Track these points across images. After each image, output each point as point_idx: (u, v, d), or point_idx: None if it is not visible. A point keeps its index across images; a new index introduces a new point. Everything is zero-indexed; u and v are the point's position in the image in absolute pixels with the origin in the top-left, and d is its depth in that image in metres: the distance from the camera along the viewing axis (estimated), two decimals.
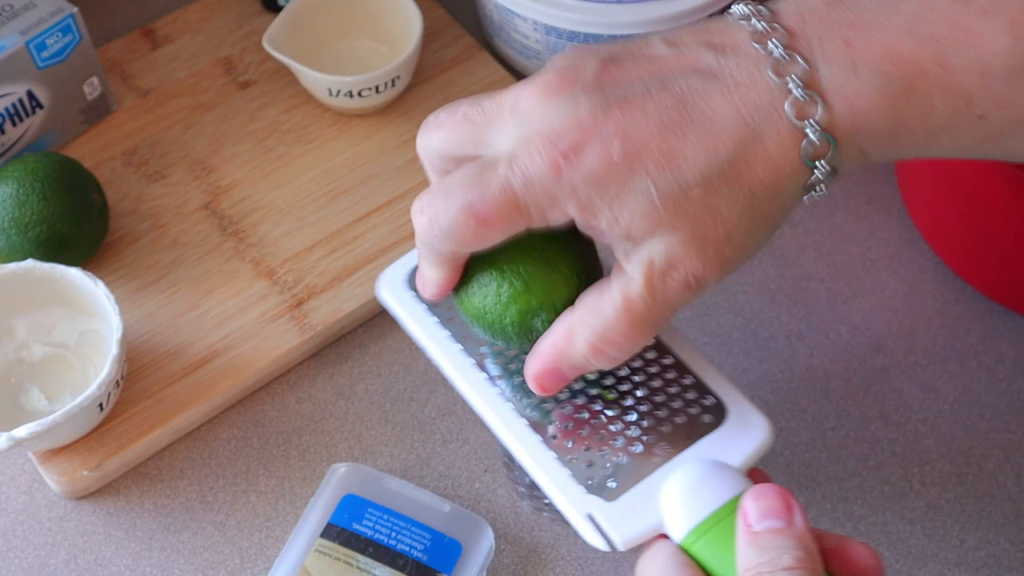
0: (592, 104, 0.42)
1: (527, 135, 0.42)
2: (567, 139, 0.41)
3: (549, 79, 0.43)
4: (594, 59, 0.43)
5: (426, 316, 0.51)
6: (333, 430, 0.64)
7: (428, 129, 0.47)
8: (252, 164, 0.73)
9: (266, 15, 0.79)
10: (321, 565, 0.57)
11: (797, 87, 0.41)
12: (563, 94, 0.42)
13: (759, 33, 0.42)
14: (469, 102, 0.45)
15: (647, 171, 0.41)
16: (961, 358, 0.67)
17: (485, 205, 0.42)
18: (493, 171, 0.42)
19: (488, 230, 0.43)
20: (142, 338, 0.65)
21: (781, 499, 0.41)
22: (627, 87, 0.42)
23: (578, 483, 0.46)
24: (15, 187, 0.64)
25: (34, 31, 0.67)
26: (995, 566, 0.60)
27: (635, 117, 0.41)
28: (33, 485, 0.62)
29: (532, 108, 0.42)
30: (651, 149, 0.41)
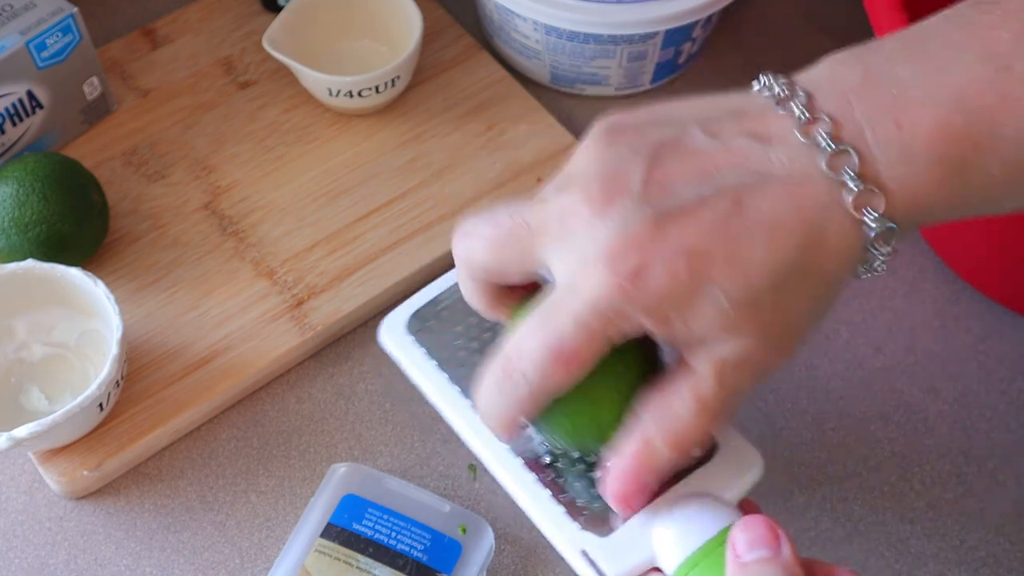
0: (646, 220, 0.40)
1: (583, 259, 0.41)
2: (628, 262, 0.40)
3: (594, 190, 0.41)
4: (635, 160, 0.41)
5: (425, 360, 0.51)
6: (333, 430, 0.64)
7: (468, 239, 0.45)
8: (252, 164, 0.73)
9: (266, 15, 0.79)
10: (321, 565, 0.57)
11: (853, 180, 0.40)
12: (613, 207, 0.41)
13: (803, 123, 0.41)
14: (510, 213, 0.44)
15: (715, 281, 0.40)
16: (961, 358, 0.67)
17: (564, 344, 0.41)
18: (560, 307, 0.41)
19: (574, 367, 0.42)
20: (142, 338, 0.65)
21: (769, 529, 0.42)
22: (677, 195, 0.41)
23: (572, 519, 0.47)
24: (15, 187, 0.64)
25: (34, 31, 0.67)
26: (995, 566, 0.60)
27: (693, 228, 0.40)
28: (33, 485, 0.62)
29: (581, 227, 0.41)
30: (716, 259, 0.40)
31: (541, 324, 0.42)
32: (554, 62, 0.75)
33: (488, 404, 0.44)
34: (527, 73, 0.78)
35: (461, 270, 0.46)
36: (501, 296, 0.47)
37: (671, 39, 0.73)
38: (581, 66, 0.75)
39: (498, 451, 0.49)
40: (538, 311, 0.42)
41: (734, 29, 0.82)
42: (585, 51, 0.73)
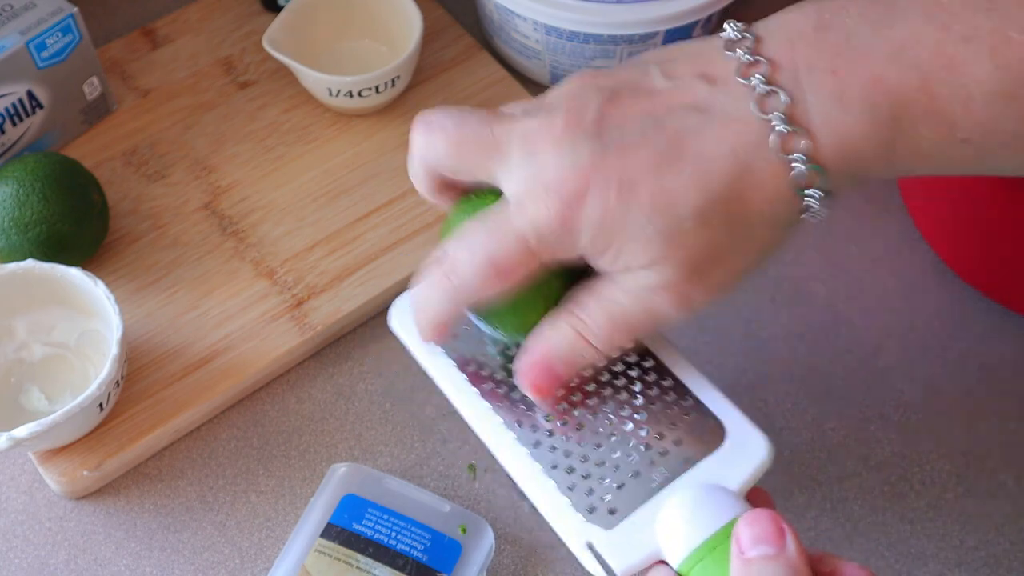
0: (591, 150, 0.43)
1: (533, 182, 0.44)
2: (570, 188, 0.43)
3: (555, 120, 0.44)
4: (596, 97, 0.45)
5: (434, 346, 0.52)
6: (333, 430, 0.64)
7: (431, 132, 0.48)
8: (252, 164, 0.73)
9: (266, 15, 0.79)
10: (321, 565, 0.57)
11: (781, 122, 0.42)
12: (566, 139, 0.44)
13: (744, 65, 0.43)
14: (478, 118, 0.47)
15: (642, 210, 0.43)
16: (961, 358, 0.67)
17: (504, 257, 0.45)
18: (505, 222, 0.45)
19: (508, 277, 0.45)
20: (142, 338, 0.65)
21: (774, 525, 0.42)
22: (624, 130, 0.44)
23: (577, 511, 0.46)
24: (15, 187, 0.64)
25: (34, 31, 0.67)
26: (995, 566, 0.60)
27: (630, 160, 0.43)
28: (33, 485, 0.62)
29: (538, 150, 0.44)
30: (646, 189, 0.43)
31: (485, 237, 0.45)
32: (554, 62, 0.75)
33: (422, 302, 0.48)
34: (527, 73, 0.78)
35: (415, 157, 0.48)
36: (446, 188, 0.49)
37: (671, 39, 0.73)
38: (581, 66, 0.75)
39: (505, 440, 0.49)
40: (483, 223, 0.45)
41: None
42: (585, 51, 0.73)
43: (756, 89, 0.43)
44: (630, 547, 0.45)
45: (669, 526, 0.45)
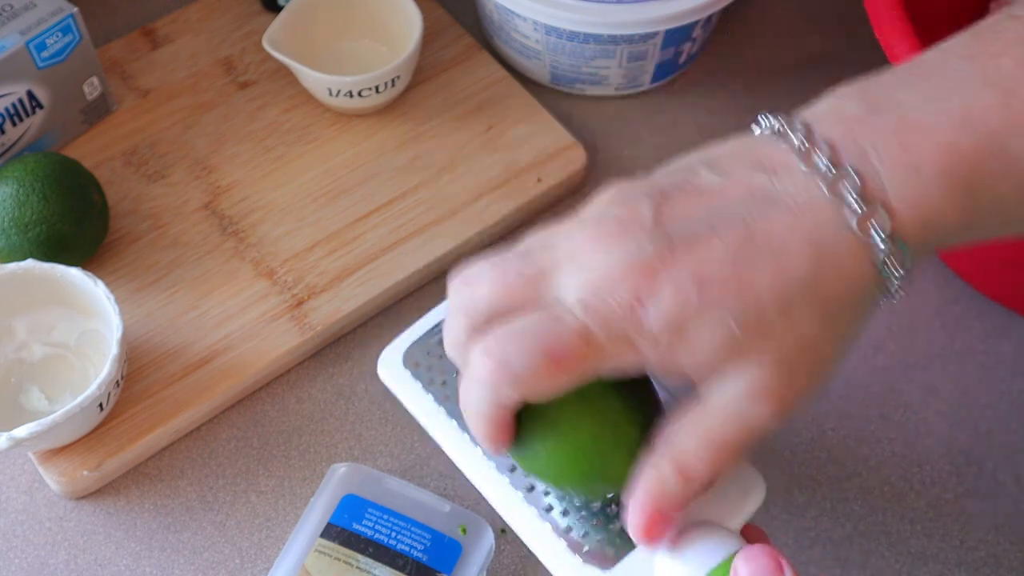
0: (658, 246, 0.40)
1: (594, 282, 0.41)
2: (639, 284, 0.40)
3: (605, 226, 0.41)
4: (646, 199, 0.42)
5: (423, 394, 0.51)
6: (333, 430, 0.64)
7: (469, 282, 0.43)
8: (252, 164, 0.73)
9: (266, 15, 0.79)
10: (321, 565, 0.57)
11: (855, 200, 0.40)
12: (624, 239, 0.41)
13: (803, 151, 0.41)
14: (515, 254, 0.43)
15: (723, 304, 0.40)
16: (961, 358, 0.67)
17: (563, 348, 0.40)
18: (567, 315, 0.41)
19: (563, 375, 0.41)
20: (142, 338, 0.65)
21: (772, 560, 0.41)
22: (689, 224, 0.41)
23: (574, 553, 0.46)
24: (15, 187, 0.64)
25: (34, 31, 0.67)
26: (995, 566, 0.60)
27: (704, 255, 0.40)
28: (33, 485, 0.62)
29: (593, 257, 0.41)
30: (725, 284, 0.40)
31: (541, 323, 0.41)
32: (554, 62, 0.75)
33: (472, 402, 0.43)
34: (527, 73, 0.78)
35: (455, 311, 0.44)
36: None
37: (671, 39, 0.73)
38: (581, 66, 0.75)
39: (499, 486, 0.49)
40: (541, 312, 0.41)
41: (734, 29, 0.82)
42: (585, 51, 0.73)
43: (823, 171, 0.41)
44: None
45: (666, 564, 0.45)
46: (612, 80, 0.76)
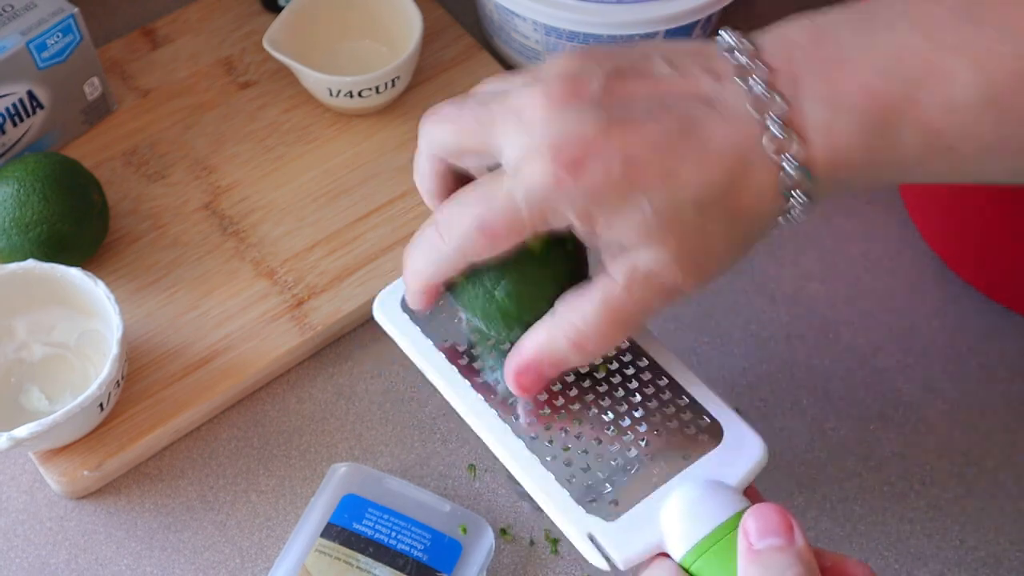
0: (597, 120, 0.43)
1: (533, 145, 0.44)
2: (570, 153, 0.43)
3: (555, 88, 0.44)
4: (599, 71, 0.44)
5: (422, 338, 0.52)
6: (333, 430, 0.64)
7: (433, 121, 0.48)
8: (252, 164, 0.73)
9: (266, 15, 0.79)
10: (321, 565, 0.57)
11: (776, 125, 0.43)
12: (569, 106, 0.43)
13: (743, 68, 0.44)
14: (476, 101, 0.47)
15: (644, 189, 0.43)
16: (961, 358, 0.67)
17: (493, 218, 0.44)
18: (499, 185, 0.44)
19: (496, 242, 0.45)
20: (142, 338, 0.65)
21: (781, 518, 0.42)
22: (631, 106, 0.43)
23: (578, 503, 0.46)
24: (15, 187, 0.64)
25: (35, 31, 0.67)
26: (995, 566, 0.60)
27: (637, 137, 0.43)
28: (33, 485, 0.62)
29: (538, 116, 0.44)
30: (650, 169, 0.43)
31: (476, 197, 0.45)
32: None
33: (412, 263, 0.48)
34: None
35: (422, 150, 0.49)
36: (447, 183, 0.49)
37: (671, 39, 0.73)
38: None
39: (501, 432, 0.49)
40: (477, 187, 0.45)
41: (734, 29, 0.82)
42: None
43: (754, 91, 0.43)
44: (632, 539, 0.45)
45: (671, 519, 0.45)
46: None
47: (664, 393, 0.49)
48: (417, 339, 0.52)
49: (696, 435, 0.48)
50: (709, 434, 0.48)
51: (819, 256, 0.71)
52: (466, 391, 0.50)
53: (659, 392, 0.50)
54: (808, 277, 0.70)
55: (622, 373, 0.50)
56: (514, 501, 0.62)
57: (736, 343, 0.67)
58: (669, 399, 0.49)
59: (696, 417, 0.49)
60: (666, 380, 0.50)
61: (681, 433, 0.48)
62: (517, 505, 0.62)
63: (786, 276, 0.70)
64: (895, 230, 0.72)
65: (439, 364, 0.51)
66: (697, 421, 0.48)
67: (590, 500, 0.46)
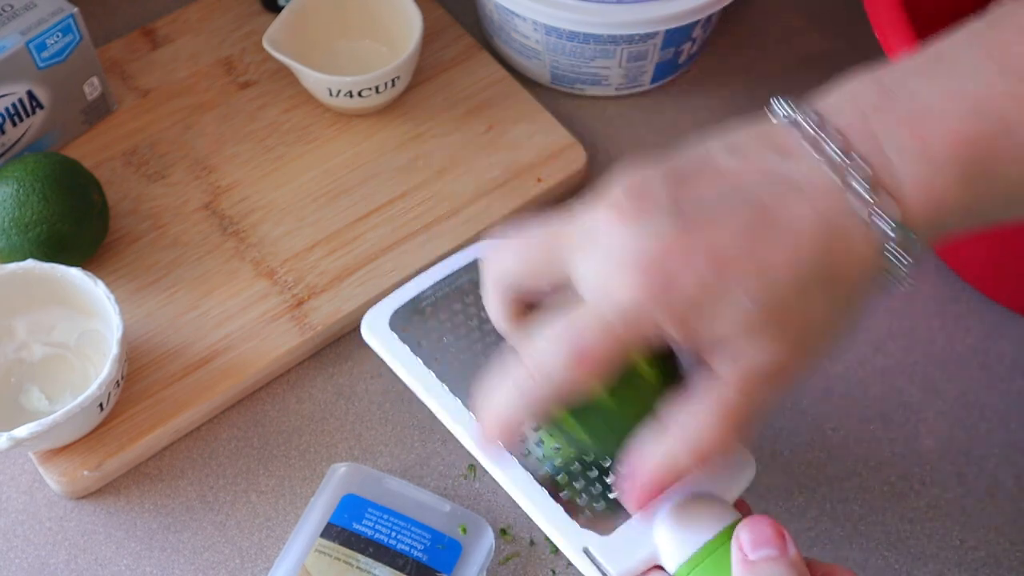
0: (674, 226, 0.41)
1: (612, 263, 0.42)
2: (657, 267, 0.41)
3: (620, 202, 0.42)
4: (661, 180, 0.42)
5: (411, 357, 0.51)
6: (333, 430, 0.64)
7: (499, 252, 0.46)
8: (252, 164, 0.73)
9: (266, 15, 0.79)
10: (321, 565, 0.57)
11: (864, 188, 0.41)
12: (641, 217, 0.41)
13: (815, 139, 0.42)
14: (540, 228, 0.45)
15: (740, 283, 0.41)
16: (961, 358, 0.67)
17: (589, 345, 0.42)
18: (587, 310, 0.42)
19: (595, 367, 0.42)
20: (142, 338, 0.65)
21: (774, 529, 0.42)
22: (704, 203, 0.41)
23: (571, 518, 0.47)
24: (15, 187, 0.64)
25: (34, 31, 0.67)
26: (995, 566, 0.60)
27: (719, 232, 0.41)
28: (33, 485, 0.62)
29: (610, 234, 0.42)
30: (739, 261, 0.41)
31: (564, 326, 0.42)
32: (554, 62, 0.75)
33: (499, 401, 0.44)
34: (527, 73, 0.78)
35: (489, 282, 0.47)
36: (522, 311, 0.47)
37: (671, 39, 0.73)
38: (581, 66, 0.75)
39: (494, 451, 0.49)
40: (561, 316, 0.43)
41: (734, 29, 0.82)
42: (585, 51, 0.73)
43: (833, 160, 0.41)
44: (627, 552, 0.46)
45: (665, 532, 0.45)
46: (612, 80, 0.76)
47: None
48: (405, 358, 0.51)
49: None
50: None
51: None
52: (458, 409, 0.50)
53: None
54: None
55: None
56: (515, 501, 0.62)
57: None
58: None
59: None
60: None
61: None
62: (517, 505, 0.62)
63: None
64: None
65: (430, 383, 0.51)
66: None
67: (583, 515, 0.47)
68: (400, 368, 0.52)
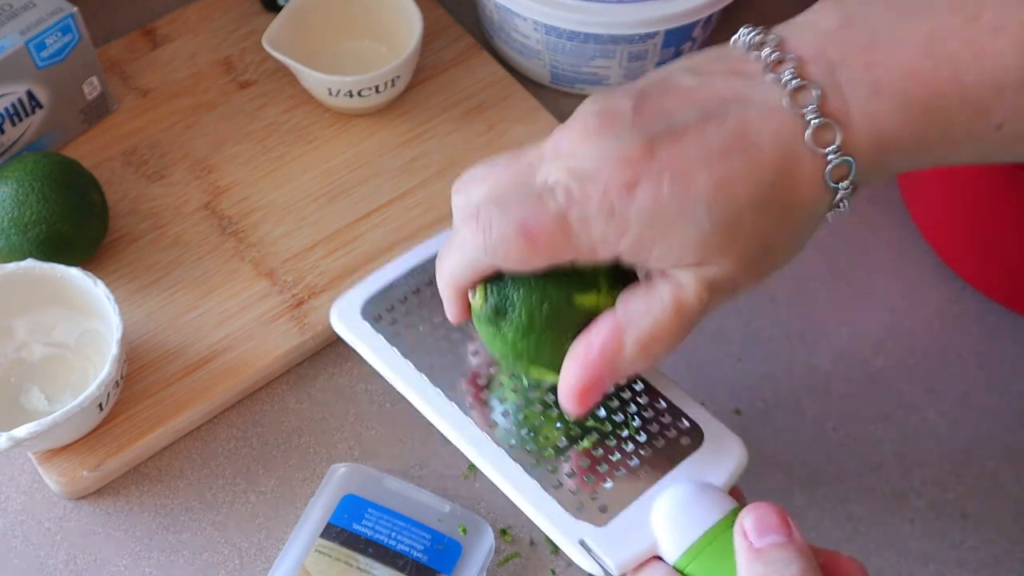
0: (637, 140, 0.42)
1: (575, 169, 0.42)
2: (617, 178, 0.42)
3: (587, 122, 0.43)
4: (627, 99, 0.43)
5: (387, 347, 0.50)
6: (333, 430, 0.64)
7: (468, 183, 0.46)
8: (252, 164, 0.73)
9: (266, 15, 0.79)
10: (321, 565, 0.57)
11: (815, 116, 0.42)
12: (605, 133, 0.42)
13: (772, 63, 0.43)
14: (508, 154, 0.46)
15: (699, 200, 0.41)
16: (961, 358, 0.67)
17: (539, 228, 0.43)
18: (551, 198, 0.43)
19: (535, 254, 0.43)
20: (142, 338, 0.65)
21: (779, 515, 0.42)
22: (668, 120, 0.42)
23: (565, 510, 0.46)
24: (15, 187, 0.64)
25: (34, 31, 0.67)
26: (995, 566, 0.60)
27: (681, 149, 0.42)
28: (33, 485, 0.62)
29: (575, 149, 0.43)
30: (702, 179, 0.41)
31: (526, 198, 0.43)
32: (554, 62, 0.75)
33: (447, 262, 0.46)
34: (527, 73, 0.78)
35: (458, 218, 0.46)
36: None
37: (671, 39, 0.73)
38: (581, 66, 0.75)
39: (479, 441, 0.48)
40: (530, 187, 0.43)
41: (734, 29, 0.81)
42: (585, 51, 0.73)
43: (789, 85, 0.42)
44: (624, 543, 0.45)
45: (663, 522, 0.45)
46: (612, 80, 0.76)
47: (641, 397, 0.49)
48: (381, 348, 0.50)
49: (677, 438, 0.48)
50: (689, 437, 0.48)
51: (819, 256, 0.71)
52: (439, 400, 0.49)
53: (636, 396, 0.50)
54: (808, 277, 0.70)
55: None
56: (515, 501, 0.62)
57: (736, 343, 0.67)
58: (647, 403, 0.49)
59: (675, 420, 0.49)
60: (641, 384, 0.50)
61: (663, 436, 0.48)
62: (517, 505, 0.62)
63: (786, 276, 0.70)
64: (895, 230, 0.72)
65: (406, 373, 0.50)
66: (676, 424, 0.49)
67: (577, 506, 0.46)
68: (375, 358, 0.50)
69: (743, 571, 0.42)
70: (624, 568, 0.45)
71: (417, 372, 0.50)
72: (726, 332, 0.68)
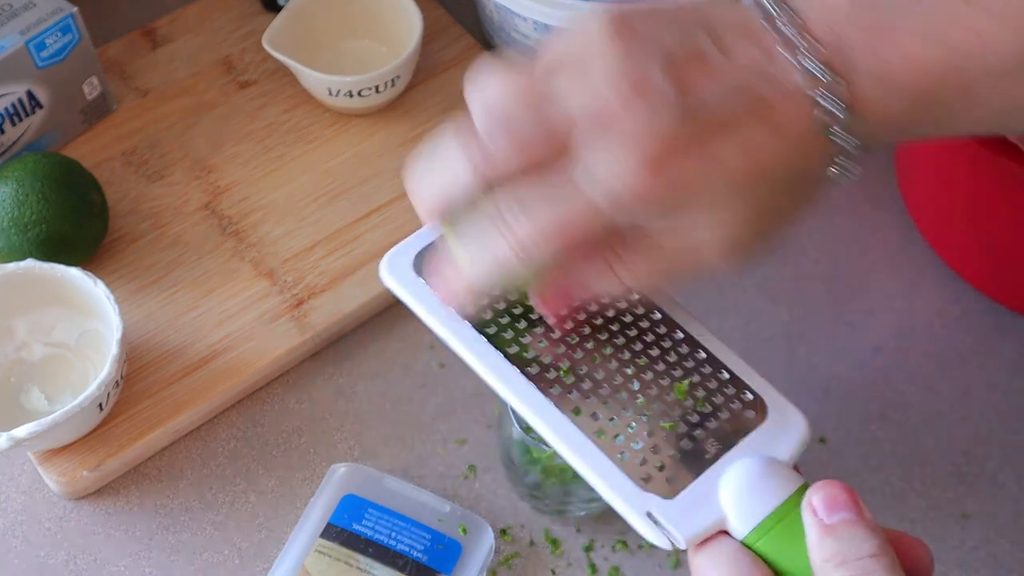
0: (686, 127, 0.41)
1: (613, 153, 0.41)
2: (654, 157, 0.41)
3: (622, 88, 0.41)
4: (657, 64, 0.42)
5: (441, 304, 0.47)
6: (333, 430, 0.64)
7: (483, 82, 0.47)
8: (252, 164, 0.73)
9: (266, 15, 0.79)
10: (321, 565, 0.57)
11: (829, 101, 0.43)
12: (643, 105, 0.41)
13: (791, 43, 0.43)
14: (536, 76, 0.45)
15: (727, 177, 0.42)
16: (961, 358, 0.67)
17: (574, 229, 0.42)
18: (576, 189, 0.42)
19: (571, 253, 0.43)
20: (142, 338, 0.65)
21: (848, 493, 0.42)
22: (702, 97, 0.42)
23: (632, 481, 0.44)
24: (15, 187, 0.64)
25: (34, 31, 0.67)
26: (995, 566, 0.60)
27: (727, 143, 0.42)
28: (33, 485, 0.62)
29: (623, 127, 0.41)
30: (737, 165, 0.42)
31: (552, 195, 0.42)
32: None
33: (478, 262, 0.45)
34: None
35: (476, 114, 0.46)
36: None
37: None
38: None
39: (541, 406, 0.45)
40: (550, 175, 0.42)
41: None
42: None
43: (806, 67, 0.43)
44: (693, 516, 0.44)
45: (731, 497, 0.44)
46: None
47: (704, 367, 0.48)
48: (435, 306, 0.47)
49: (742, 410, 0.47)
50: (754, 409, 0.47)
51: (819, 256, 0.71)
52: (499, 362, 0.46)
53: (699, 366, 0.48)
54: (808, 277, 0.70)
55: (659, 345, 0.48)
56: (515, 501, 0.62)
57: (736, 343, 0.67)
58: (710, 373, 0.48)
59: (739, 392, 0.47)
60: (704, 354, 0.48)
61: (727, 408, 0.47)
62: (517, 505, 0.62)
63: (786, 276, 0.70)
64: (895, 230, 0.72)
65: (465, 334, 0.47)
66: (740, 396, 0.47)
67: (644, 477, 0.44)
68: (430, 317, 0.47)
69: (814, 548, 0.41)
70: (693, 542, 0.43)
71: (477, 333, 0.47)
72: (726, 332, 0.67)
